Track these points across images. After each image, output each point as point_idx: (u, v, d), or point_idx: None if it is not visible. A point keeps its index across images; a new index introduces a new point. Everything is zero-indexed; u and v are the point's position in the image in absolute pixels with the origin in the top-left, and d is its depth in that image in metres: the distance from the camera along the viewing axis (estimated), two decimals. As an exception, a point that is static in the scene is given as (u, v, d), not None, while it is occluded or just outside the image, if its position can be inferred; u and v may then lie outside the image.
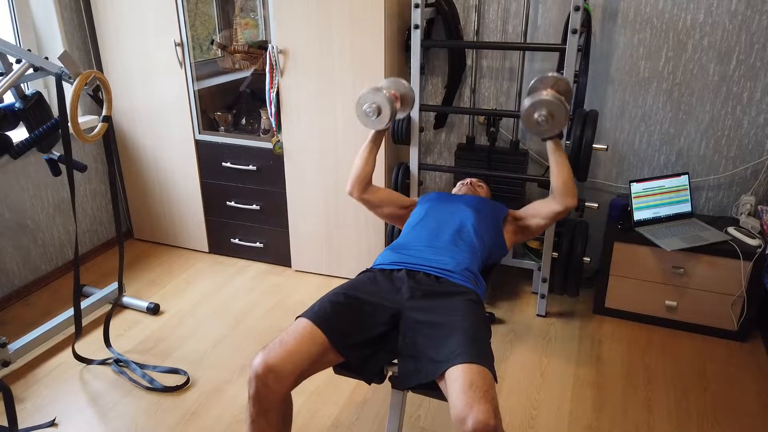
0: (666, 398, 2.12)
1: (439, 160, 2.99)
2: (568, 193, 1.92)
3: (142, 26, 2.80)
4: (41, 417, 2.03)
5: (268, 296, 2.79)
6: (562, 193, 1.92)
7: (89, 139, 2.07)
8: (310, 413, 2.05)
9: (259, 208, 2.98)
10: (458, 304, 1.57)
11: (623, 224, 2.53)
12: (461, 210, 1.97)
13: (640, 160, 2.66)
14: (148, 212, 3.25)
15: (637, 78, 2.54)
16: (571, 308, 2.69)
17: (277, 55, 2.59)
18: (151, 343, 2.43)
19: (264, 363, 1.41)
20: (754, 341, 2.45)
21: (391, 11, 2.46)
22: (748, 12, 2.31)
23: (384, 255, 1.83)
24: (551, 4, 2.54)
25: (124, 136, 3.11)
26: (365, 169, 2.09)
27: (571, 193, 1.92)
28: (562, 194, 1.93)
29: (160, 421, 2.01)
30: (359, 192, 2.12)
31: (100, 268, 3.06)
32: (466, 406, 1.26)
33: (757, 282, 2.32)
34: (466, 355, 1.36)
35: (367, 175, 2.10)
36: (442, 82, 2.82)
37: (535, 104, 1.83)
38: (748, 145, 2.49)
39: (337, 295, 1.61)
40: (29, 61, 2.00)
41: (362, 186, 2.11)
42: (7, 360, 2.23)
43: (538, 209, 2.01)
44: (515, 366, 2.29)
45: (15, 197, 2.70)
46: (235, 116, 3.12)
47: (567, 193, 1.92)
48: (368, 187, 2.12)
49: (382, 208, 2.16)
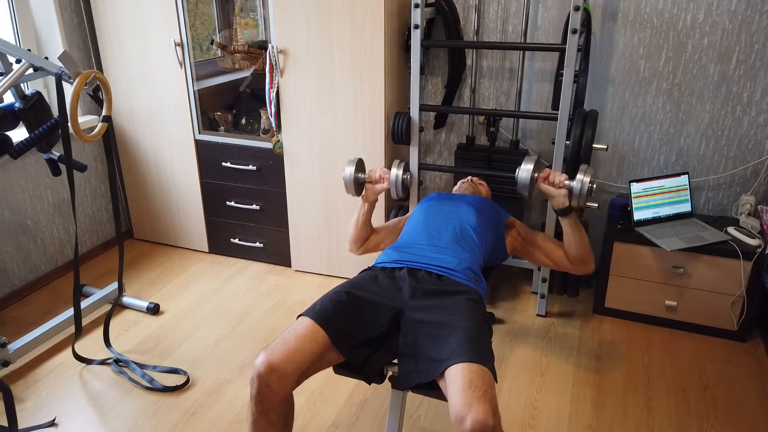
0: (666, 398, 2.12)
1: (439, 160, 2.99)
2: (586, 260, 1.94)
3: (142, 26, 2.80)
4: (41, 417, 2.03)
5: (268, 296, 2.79)
6: (580, 261, 1.95)
7: (89, 139, 2.07)
8: (310, 413, 2.05)
9: (259, 208, 2.98)
10: (459, 303, 1.57)
11: (623, 224, 2.53)
12: (462, 209, 1.97)
13: (640, 160, 2.66)
14: (148, 212, 3.25)
15: (637, 78, 2.54)
16: (571, 308, 2.69)
17: (277, 54, 2.59)
18: (151, 343, 2.43)
19: (266, 363, 1.41)
20: (754, 341, 2.45)
21: (391, 11, 2.46)
22: (748, 12, 2.31)
23: (386, 253, 1.83)
24: (551, 3, 2.54)
25: (124, 136, 3.11)
26: (362, 234, 2.14)
27: (590, 261, 1.95)
28: (580, 262, 1.95)
29: (160, 421, 2.01)
30: (358, 250, 2.18)
31: (100, 268, 3.06)
32: (464, 405, 1.26)
33: (757, 282, 2.32)
34: (465, 354, 1.36)
35: (365, 238, 2.15)
36: (442, 82, 2.82)
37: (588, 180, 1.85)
38: (748, 144, 2.49)
39: (338, 294, 1.61)
40: (29, 61, 2.00)
41: (360, 245, 2.16)
42: (7, 360, 2.23)
43: (549, 250, 2.02)
44: (515, 366, 2.29)
45: (15, 197, 2.70)
46: (235, 116, 3.12)
47: (586, 262, 1.95)
48: (366, 242, 2.17)
49: (383, 244, 2.19)
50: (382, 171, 2.07)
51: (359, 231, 2.12)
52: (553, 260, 2.01)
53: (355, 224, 2.12)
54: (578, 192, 1.84)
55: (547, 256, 2.02)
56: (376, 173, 2.06)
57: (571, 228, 1.90)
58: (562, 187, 1.87)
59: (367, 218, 2.11)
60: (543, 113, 2.42)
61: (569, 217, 1.88)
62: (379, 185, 2.06)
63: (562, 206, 1.87)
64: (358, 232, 2.13)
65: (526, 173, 1.90)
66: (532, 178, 1.90)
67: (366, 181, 2.06)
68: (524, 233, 2.08)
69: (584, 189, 1.83)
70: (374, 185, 2.06)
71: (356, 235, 2.13)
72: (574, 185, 1.85)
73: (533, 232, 2.09)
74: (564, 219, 1.89)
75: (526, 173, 1.90)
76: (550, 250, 2.02)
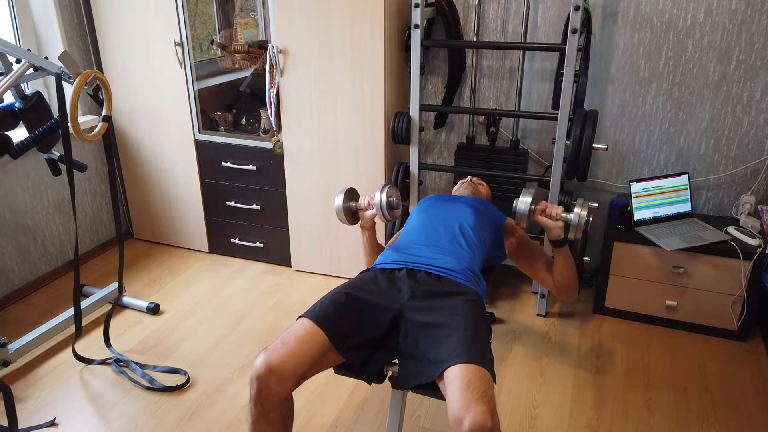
0: (666, 398, 2.13)
1: (439, 160, 2.99)
2: (571, 290, 1.97)
3: (142, 26, 2.80)
4: (41, 417, 2.03)
5: (267, 296, 2.79)
6: (564, 289, 1.97)
7: (89, 139, 2.07)
8: (310, 413, 2.05)
9: (259, 208, 2.98)
10: (459, 304, 1.57)
11: (623, 224, 2.53)
12: (461, 210, 1.97)
13: (640, 160, 2.66)
14: (148, 212, 3.25)
15: (637, 78, 2.54)
16: (571, 308, 2.69)
17: (277, 54, 2.59)
18: (151, 343, 2.43)
19: (266, 364, 1.41)
20: (754, 341, 2.45)
21: (391, 11, 2.46)
22: (748, 12, 2.31)
23: (385, 254, 1.83)
24: (551, 3, 2.54)
25: (124, 136, 3.11)
26: (374, 258, 2.10)
27: (574, 291, 1.97)
28: (563, 290, 1.97)
29: (160, 421, 2.02)
30: None
31: (100, 267, 3.06)
32: (462, 406, 1.26)
33: (757, 282, 2.32)
34: (464, 355, 1.36)
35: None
36: (442, 82, 2.82)
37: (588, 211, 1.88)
38: (748, 144, 2.49)
39: (338, 294, 1.61)
40: (29, 61, 2.00)
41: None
42: (7, 360, 2.23)
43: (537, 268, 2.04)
44: (515, 366, 2.29)
45: (15, 197, 2.70)
46: (235, 116, 3.12)
47: (570, 291, 1.97)
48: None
49: None
50: (369, 197, 2.03)
51: (370, 257, 2.11)
52: (538, 279, 2.04)
53: (364, 252, 2.12)
54: (575, 225, 1.85)
55: (534, 273, 2.05)
56: (365, 200, 2.03)
57: (562, 260, 1.92)
58: (558, 220, 1.88)
59: (372, 244, 2.10)
60: (543, 113, 2.42)
61: (562, 249, 1.91)
62: (368, 212, 2.02)
63: (558, 238, 1.89)
64: (370, 258, 2.11)
65: (524, 206, 1.91)
66: (530, 210, 1.91)
67: (358, 210, 2.04)
68: (521, 242, 2.07)
69: (581, 222, 1.84)
70: (364, 212, 2.04)
71: (369, 260, 2.11)
72: (571, 218, 1.86)
73: (530, 243, 2.08)
74: (557, 250, 1.91)
75: (524, 205, 1.91)
76: (538, 268, 2.04)
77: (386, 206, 2.00)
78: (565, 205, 2.41)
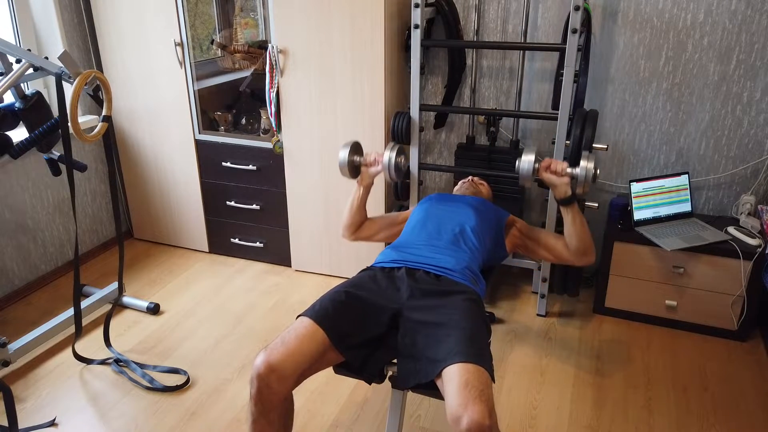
0: (666, 398, 2.12)
1: (439, 160, 2.99)
2: (588, 251, 1.92)
3: (142, 26, 2.80)
4: (41, 417, 2.03)
5: (267, 296, 2.79)
6: (581, 252, 1.92)
7: (89, 139, 2.07)
8: (310, 413, 2.05)
9: (259, 208, 2.98)
10: (458, 303, 1.57)
11: (623, 224, 2.53)
12: (462, 210, 1.97)
13: (640, 160, 2.66)
14: (148, 212, 3.25)
15: (637, 78, 2.54)
16: (571, 308, 2.69)
17: (277, 54, 2.59)
18: (151, 343, 2.43)
19: (266, 363, 1.41)
20: (754, 341, 2.45)
21: (391, 11, 2.46)
22: (748, 12, 2.31)
23: (384, 253, 1.83)
24: (551, 3, 2.54)
25: (124, 136, 3.11)
26: (355, 218, 2.13)
27: (591, 252, 1.92)
28: (581, 254, 1.93)
29: (160, 420, 2.02)
30: (351, 236, 2.17)
31: (100, 267, 3.06)
32: (460, 405, 1.26)
33: (757, 282, 2.31)
34: (462, 354, 1.36)
35: (358, 223, 2.14)
36: (442, 82, 2.82)
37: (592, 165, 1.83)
38: (748, 144, 2.48)
39: (338, 293, 1.61)
40: (29, 61, 2.00)
41: (353, 231, 2.15)
42: (7, 360, 2.23)
43: (551, 245, 2.01)
44: (515, 366, 2.29)
45: (15, 197, 2.70)
46: (235, 116, 3.12)
47: (587, 252, 1.92)
48: (358, 229, 2.16)
49: (378, 235, 2.19)
50: (377, 154, 2.07)
51: (353, 216, 2.12)
52: (555, 254, 2.00)
53: (349, 208, 2.12)
54: (583, 179, 1.81)
55: (549, 251, 2.02)
56: (371, 156, 2.06)
57: (572, 217, 1.87)
58: (564, 176, 1.84)
59: (361, 203, 2.11)
60: (543, 113, 2.42)
61: (571, 206, 1.86)
62: (373, 168, 2.06)
63: (565, 195, 1.84)
64: (352, 217, 2.12)
65: (527, 164, 1.86)
66: (533, 168, 1.87)
67: (361, 164, 2.07)
68: (525, 230, 2.08)
69: (589, 176, 1.80)
70: (368, 168, 2.06)
71: (350, 219, 2.12)
72: (578, 172, 1.82)
73: (533, 228, 2.09)
74: (566, 209, 1.87)
75: (528, 164, 1.86)
76: (551, 244, 2.01)
77: (394, 166, 2.03)
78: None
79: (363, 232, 2.16)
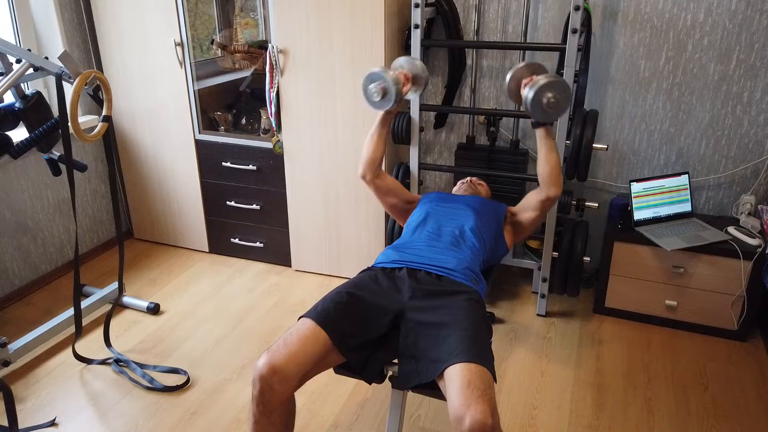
0: (666, 398, 2.13)
1: (439, 160, 2.99)
2: (553, 181, 1.93)
3: (142, 26, 2.80)
4: (41, 417, 2.03)
5: (268, 296, 2.79)
6: (547, 181, 1.94)
7: (89, 139, 2.07)
8: (310, 413, 2.05)
9: (259, 208, 2.98)
10: (459, 303, 1.57)
11: (623, 224, 2.53)
12: (462, 210, 1.97)
13: (640, 160, 2.66)
14: (148, 212, 3.25)
15: (637, 78, 2.54)
16: (571, 308, 2.69)
17: (277, 54, 2.59)
18: (151, 343, 2.43)
19: (269, 364, 1.41)
20: (754, 341, 2.45)
21: (391, 11, 2.46)
22: (749, 11, 2.31)
23: (385, 254, 1.83)
24: (551, 3, 2.54)
25: (124, 136, 3.11)
26: (376, 152, 2.09)
27: (556, 182, 1.94)
28: (547, 183, 1.94)
29: (160, 421, 2.02)
30: (372, 176, 2.12)
31: (100, 267, 3.06)
32: (462, 405, 1.26)
33: (757, 282, 2.32)
34: (464, 354, 1.36)
35: (378, 158, 2.11)
36: (442, 82, 2.82)
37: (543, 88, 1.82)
38: (749, 144, 2.49)
39: (339, 294, 1.61)
40: (29, 61, 2.00)
41: (374, 170, 2.11)
42: (7, 360, 2.23)
43: (528, 201, 2.04)
44: (515, 366, 2.29)
45: (15, 197, 2.70)
46: (235, 116, 3.12)
47: (552, 182, 1.94)
48: (379, 171, 2.13)
49: (388, 196, 2.16)
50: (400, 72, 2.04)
51: (374, 149, 2.08)
52: (532, 206, 2.01)
53: (369, 142, 2.09)
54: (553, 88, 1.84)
55: (528, 208, 2.03)
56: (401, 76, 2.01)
57: (545, 139, 1.93)
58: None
59: (382, 136, 2.09)
60: (543, 113, 2.42)
61: (544, 127, 1.91)
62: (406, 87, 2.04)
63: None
64: (374, 152, 2.08)
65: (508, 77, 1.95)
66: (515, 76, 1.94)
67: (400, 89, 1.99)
68: (513, 211, 2.09)
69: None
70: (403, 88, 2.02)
71: (371, 153, 2.08)
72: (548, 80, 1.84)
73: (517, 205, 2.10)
74: (540, 130, 1.92)
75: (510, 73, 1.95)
76: (527, 200, 2.04)
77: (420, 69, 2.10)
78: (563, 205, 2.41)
79: (380, 180, 2.12)
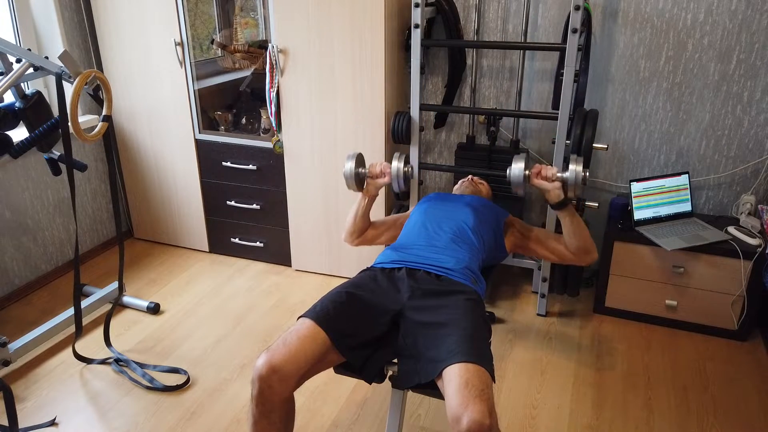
0: (666, 398, 2.12)
1: (440, 160, 2.99)
2: (589, 250, 1.94)
3: (142, 26, 2.80)
4: (41, 416, 2.03)
5: (268, 296, 2.79)
6: (583, 251, 1.94)
7: (89, 139, 2.07)
8: (310, 413, 2.05)
9: (259, 208, 2.98)
10: (458, 302, 1.57)
11: (623, 223, 2.53)
12: (461, 210, 1.97)
13: (640, 160, 2.66)
14: (148, 212, 3.25)
15: (637, 77, 2.54)
16: (571, 308, 2.69)
17: (277, 54, 2.59)
18: (151, 343, 2.43)
19: (268, 364, 1.41)
20: (754, 341, 2.45)
21: (391, 11, 2.46)
22: (749, 11, 2.31)
23: (384, 254, 1.83)
24: (551, 3, 2.54)
25: (124, 136, 3.11)
26: (360, 226, 2.14)
27: (593, 250, 1.94)
28: (582, 253, 1.95)
29: (160, 420, 2.02)
30: (354, 242, 2.18)
31: (100, 267, 3.06)
32: (461, 405, 1.26)
33: (757, 281, 2.31)
34: (463, 354, 1.36)
35: (362, 230, 2.15)
36: (442, 82, 2.82)
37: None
38: (749, 144, 2.48)
39: (339, 294, 1.61)
40: (29, 61, 2.00)
41: (357, 237, 2.16)
42: (7, 359, 2.23)
43: (552, 247, 2.03)
44: (515, 365, 2.29)
45: (15, 197, 2.70)
46: (235, 116, 3.12)
47: (589, 251, 1.94)
48: (363, 234, 2.17)
49: (380, 238, 2.20)
50: (382, 165, 2.07)
51: (357, 223, 2.13)
52: (556, 255, 2.02)
53: (353, 216, 2.13)
54: (573, 182, 1.84)
55: (550, 251, 2.03)
56: (377, 168, 2.06)
57: (569, 219, 1.90)
58: (555, 180, 1.87)
59: (365, 212, 2.12)
60: (543, 113, 2.42)
61: (566, 209, 1.89)
62: (380, 180, 2.06)
63: (558, 199, 1.87)
64: (356, 225, 2.13)
65: (518, 171, 1.90)
66: (524, 175, 1.90)
67: (367, 176, 2.06)
68: (524, 231, 2.08)
69: (578, 178, 1.83)
70: (375, 180, 2.06)
71: (353, 227, 2.14)
72: (567, 176, 1.85)
73: (531, 228, 2.10)
74: (561, 212, 1.90)
75: (519, 170, 1.90)
76: (551, 245, 2.03)
77: (403, 176, 2.04)
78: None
79: (366, 238, 2.17)
